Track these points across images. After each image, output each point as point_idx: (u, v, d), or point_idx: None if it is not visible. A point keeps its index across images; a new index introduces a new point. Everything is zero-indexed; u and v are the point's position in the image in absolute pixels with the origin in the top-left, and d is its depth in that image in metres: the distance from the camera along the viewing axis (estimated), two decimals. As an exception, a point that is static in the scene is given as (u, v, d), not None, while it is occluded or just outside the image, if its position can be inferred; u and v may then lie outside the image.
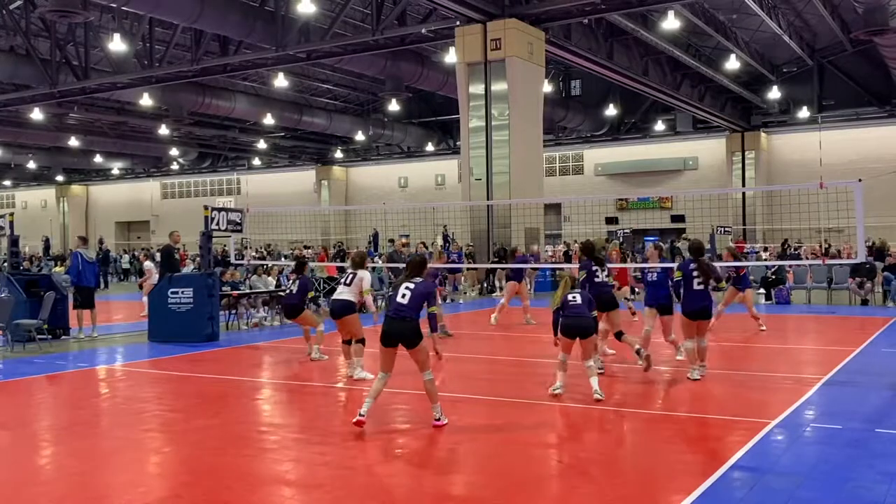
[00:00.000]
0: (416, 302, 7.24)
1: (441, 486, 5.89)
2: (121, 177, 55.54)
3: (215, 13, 22.48)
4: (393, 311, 7.27)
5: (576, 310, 8.44)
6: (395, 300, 7.33)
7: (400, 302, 7.25)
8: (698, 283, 9.18)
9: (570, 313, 8.46)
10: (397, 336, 7.21)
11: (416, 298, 7.24)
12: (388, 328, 7.24)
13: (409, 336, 7.16)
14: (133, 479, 6.02)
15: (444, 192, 43.90)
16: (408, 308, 7.20)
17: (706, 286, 9.24)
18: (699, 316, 9.26)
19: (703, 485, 5.53)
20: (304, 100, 37.91)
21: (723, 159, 38.30)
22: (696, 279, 9.17)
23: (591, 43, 26.31)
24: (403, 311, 7.19)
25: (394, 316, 7.23)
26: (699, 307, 9.23)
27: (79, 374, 11.25)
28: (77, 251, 15.22)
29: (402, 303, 7.23)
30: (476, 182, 23.28)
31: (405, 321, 7.15)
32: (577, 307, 8.45)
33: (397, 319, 7.19)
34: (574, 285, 8.77)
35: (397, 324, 7.19)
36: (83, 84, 27.74)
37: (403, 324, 7.15)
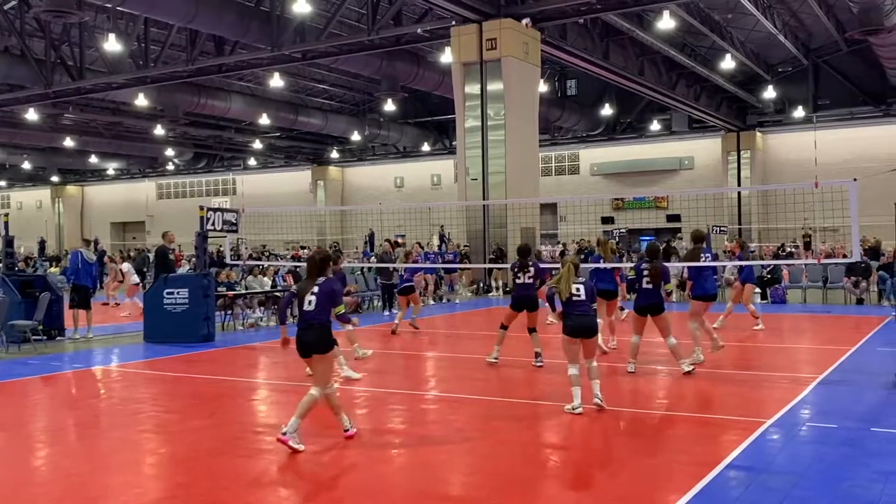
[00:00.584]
0: (323, 305, 6.71)
1: (438, 486, 5.89)
2: (116, 177, 55.44)
3: (210, 13, 22.46)
4: (301, 321, 6.74)
5: (580, 308, 7.91)
6: (303, 309, 6.74)
7: (306, 310, 6.71)
8: (647, 283, 9.76)
9: (575, 311, 7.92)
10: (308, 346, 6.70)
11: (321, 301, 6.70)
12: (299, 338, 6.74)
13: (315, 344, 6.67)
14: (129, 479, 6.01)
15: (440, 192, 43.88)
16: (314, 314, 6.68)
17: (655, 287, 9.78)
18: (647, 311, 9.77)
19: (699, 484, 5.54)
20: (299, 100, 37.88)
21: (718, 159, 38.34)
22: (646, 279, 9.74)
23: (587, 43, 26.34)
24: (309, 317, 6.69)
25: (303, 326, 6.72)
26: (646, 304, 9.78)
27: (74, 374, 11.23)
28: (78, 250, 15.10)
29: (309, 310, 6.70)
30: (472, 182, 23.29)
31: (312, 328, 6.66)
32: (582, 305, 7.91)
33: (305, 329, 6.69)
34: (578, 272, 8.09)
35: (306, 333, 6.69)
36: (78, 84, 27.68)
37: (311, 332, 6.66)
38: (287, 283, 18.31)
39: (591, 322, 7.97)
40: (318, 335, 6.66)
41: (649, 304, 9.76)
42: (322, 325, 6.69)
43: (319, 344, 6.67)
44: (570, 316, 7.93)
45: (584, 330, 7.90)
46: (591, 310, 8.02)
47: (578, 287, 7.92)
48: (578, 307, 7.91)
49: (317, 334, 6.65)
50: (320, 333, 6.67)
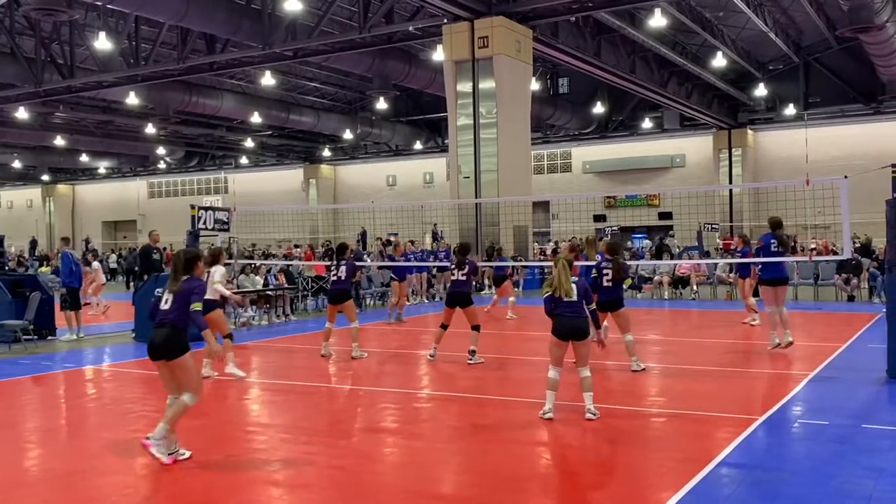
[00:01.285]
0: (179, 305, 6.28)
1: (429, 485, 5.88)
2: (107, 176, 55.24)
3: (201, 11, 22.37)
4: (154, 321, 6.37)
5: (571, 307, 7.39)
6: (158, 307, 6.38)
7: (162, 308, 6.34)
8: (607, 280, 10.00)
9: (564, 311, 7.40)
10: (155, 349, 6.26)
11: (178, 301, 6.29)
12: (150, 339, 6.33)
13: (161, 346, 6.22)
14: (120, 480, 5.98)
15: (432, 191, 43.87)
16: (168, 312, 6.28)
17: (615, 283, 10.00)
18: (607, 308, 9.95)
19: (691, 482, 5.55)
20: (291, 98, 37.80)
21: (710, 157, 38.45)
22: (606, 276, 10.01)
23: (579, 41, 26.35)
24: (162, 316, 6.29)
25: (154, 326, 6.33)
26: (605, 300, 9.94)
27: (65, 374, 11.19)
28: (67, 252, 14.99)
29: (164, 308, 6.32)
30: (464, 180, 23.28)
31: (163, 327, 6.24)
32: (573, 304, 7.40)
33: (157, 328, 6.29)
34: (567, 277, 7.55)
35: (156, 333, 6.27)
36: (68, 83, 27.55)
37: (161, 332, 6.24)
38: (279, 281, 18.28)
39: (582, 324, 7.42)
40: (168, 336, 6.20)
41: (608, 300, 9.96)
42: (174, 325, 6.23)
43: (167, 347, 6.20)
44: (559, 316, 7.41)
45: (574, 332, 7.37)
46: (584, 311, 7.52)
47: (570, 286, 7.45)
48: (569, 307, 7.40)
49: (166, 335, 6.21)
50: (170, 334, 6.21)
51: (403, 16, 24.80)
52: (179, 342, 6.23)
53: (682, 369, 10.41)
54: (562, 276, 7.44)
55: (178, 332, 6.25)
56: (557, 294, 7.43)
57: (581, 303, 7.48)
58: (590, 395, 7.49)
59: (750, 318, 14.75)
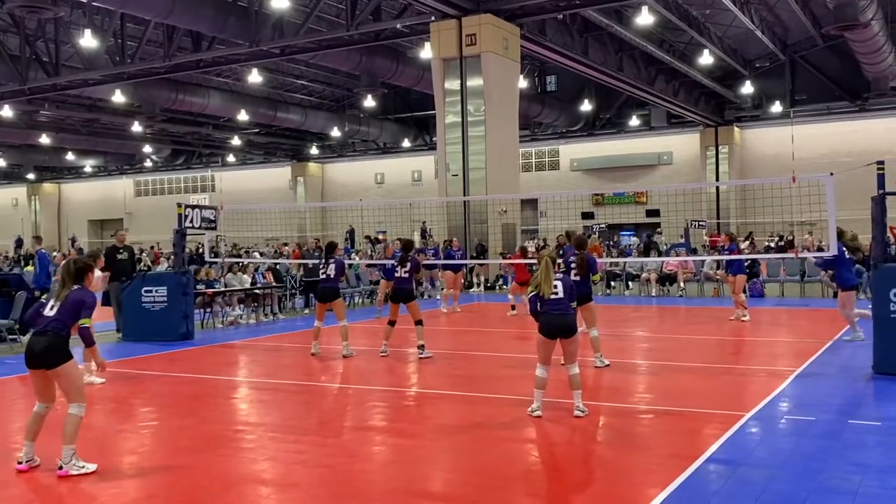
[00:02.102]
0: (66, 313, 6.03)
1: (418, 483, 5.87)
2: (93, 174, 54.89)
3: (188, 8, 22.26)
4: (36, 328, 6.10)
5: (557, 305, 7.39)
6: (40, 313, 6.11)
7: (46, 314, 6.07)
8: (574, 275, 9.93)
9: (550, 309, 7.38)
10: (34, 357, 5.97)
11: (65, 310, 6.03)
12: (29, 346, 6.03)
13: (41, 355, 5.94)
14: (107, 480, 5.94)
15: (420, 188, 43.83)
16: (52, 320, 6.01)
17: (582, 278, 9.96)
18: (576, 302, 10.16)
19: (679, 478, 5.57)
20: (278, 96, 37.67)
21: (697, 154, 38.59)
22: (573, 270, 10.01)
23: (566, 38, 26.38)
24: (44, 323, 6.03)
25: (35, 333, 6.08)
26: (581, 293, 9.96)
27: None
28: (42, 251, 14.66)
29: (48, 315, 6.05)
30: (452, 178, 23.28)
31: (45, 335, 5.98)
32: (559, 301, 7.40)
33: (37, 335, 6.04)
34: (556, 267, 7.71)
35: (37, 340, 6.01)
36: (54, 81, 27.37)
37: (42, 339, 5.98)
38: (267, 280, 18.22)
39: (569, 321, 7.44)
40: (49, 344, 5.93)
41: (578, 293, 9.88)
42: (57, 334, 5.96)
43: (48, 355, 5.91)
44: (546, 314, 7.39)
45: (561, 329, 7.36)
46: (571, 308, 7.59)
47: (556, 283, 7.42)
48: (556, 305, 7.39)
49: (48, 343, 5.93)
50: (52, 342, 5.93)
51: (391, 13, 24.76)
52: (62, 351, 5.96)
53: (669, 366, 10.44)
54: (544, 274, 7.40)
55: (61, 340, 5.99)
56: (544, 297, 7.40)
57: (566, 300, 7.48)
58: (578, 392, 7.50)
59: (739, 314, 14.81)
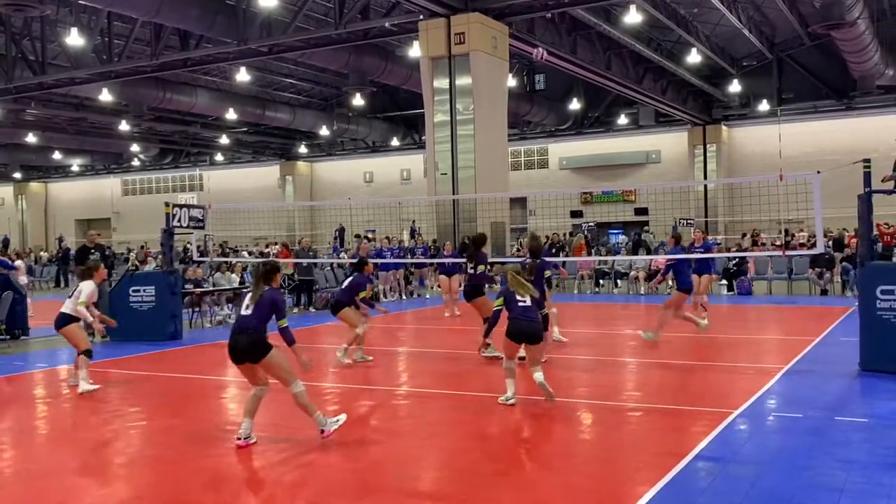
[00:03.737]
0: (261, 312, 6.54)
1: (407, 482, 5.88)
2: (81, 174, 54.56)
3: (175, 7, 22.14)
4: (237, 326, 6.62)
5: (525, 313, 7.78)
6: (240, 313, 6.65)
7: (243, 314, 6.60)
8: (470, 268, 10.76)
9: (517, 315, 7.78)
10: (241, 353, 6.52)
11: (260, 308, 6.55)
12: (232, 344, 6.54)
13: (247, 351, 6.48)
14: (95, 480, 5.92)
15: (409, 187, 43.80)
16: (250, 319, 6.52)
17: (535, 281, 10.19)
18: (468, 296, 10.72)
19: (668, 475, 5.59)
20: (266, 94, 37.55)
21: (685, 152, 38.71)
22: (470, 264, 10.82)
23: (555, 37, 26.41)
24: (244, 323, 6.54)
25: (237, 331, 6.56)
26: (467, 285, 10.83)
27: (38, 374, 11.06)
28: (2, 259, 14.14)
29: (246, 314, 6.57)
30: (442, 177, 23.26)
31: (245, 333, 6.49)
32: (527, 308, 7.80)
33: (238, 334, 6.53)
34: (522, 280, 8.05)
35: (239, 339, 6.51)
36: (40, 79, 27.19)
37: (243, 337, 6.49)
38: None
39: (534, 328, 7.78)
40: (251, 342, 6.44)
41: (467, 285, 10.80)
42: (256, 330, 6.46)
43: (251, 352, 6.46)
44: (513, 319, 7.79)
45: (526, 335, 7.75)
46: (537, 315, 7.94)
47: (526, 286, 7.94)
48: (523, 311, 7.78)
49: (250, 340, 6.44)
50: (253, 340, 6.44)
51: (379, 12, 24.72)
52: (263, 345, 6.46)
53: (657, 364, 10.48)
54: (516, 284, 7.90)
55: (261, 336, 6.47)
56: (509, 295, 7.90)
57: (534, 308, 7.90)
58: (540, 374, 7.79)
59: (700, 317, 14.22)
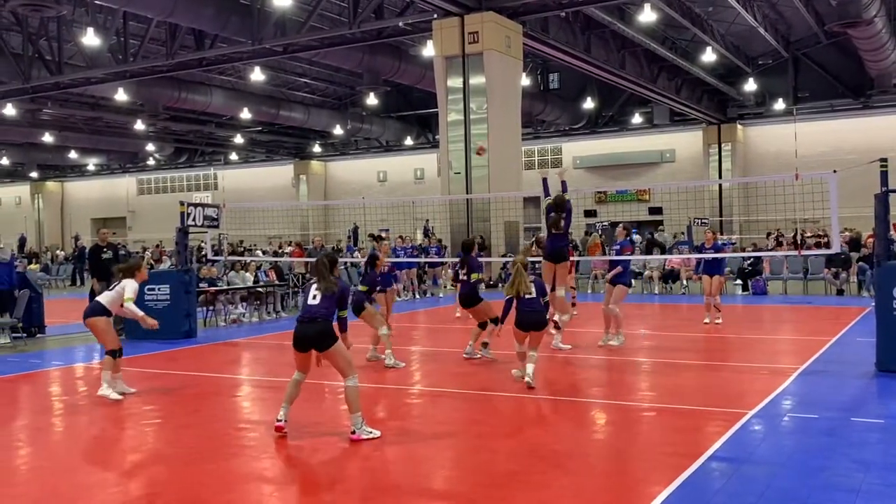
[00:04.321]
0: (329, 302, 6.79)
1: (419, 480, 5.87)
2: (96, 173, 54.91)
3: (190, 7, 22.27)
4: (306, 315, 6.88)
5: (531, 304, 8.74)
6: (307, 302, 6.93)
7: (310, 304, 6.84)
8: (463, 275, 10.94)
9: (525, 307, 8.75)
10: (310, 341, 6.81)
11: (329, 299, 6.78)
12: (301, 333, 6.84)
13: (314, 339, 6.78)
14: (110, 478, 5.96)
15: (423, 187, 43.82)
16: (319, 308, 6.79)
17: (468, 278, 10.82)
18: (465, 303, 10.89)
19: (681, 476, 5.56)
20: (281, 94, 37.66)
21: (700, 151, 38.53)
22: (462, 271, 11.01)
23: (569, 36, 26.35)
24: (315, 313, 6.78)
25: (306, 320, 6.84)
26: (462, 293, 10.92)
27: (54, 372, 11.13)
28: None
29: (314, 304, 6.81)
30: (455, 176, 23.27)
31: (316, 322, 6.76)
32: (532, 301, 8.75)
33: (308, 322, 6.81)
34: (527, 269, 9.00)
35: (308, 327, 6.80)
36: (56, 79, 27.38)
37: (313, 326, 6.77)
38: (269, 278, 18.22)
39: (540, 318, 8.83)
40: (320, 330, 6.75)
41: (463, 294, 10.85)
42: (326, 320, 6.75)
43: (319, 340, 6.77)
44: (521, 311, 8.76)
45: (533, 325, 8.74)
46: (542, 305, 8.89)
47: (531, 285, 8.74)
48: (529, 304, 8.74)
49: (319, 329, 6.75)
50: (323, 329, 6.76)
51: (393, 11, 24.74)
52: (331, 334, 6.74)
53: (671, 364, 10.43)
54: (519, 276, 8.72)
55: (329, 325, 6.76)
56: (519, 293, 8.70)
57: (539, 298, 8.80)
58: (531, 366, 8.70)
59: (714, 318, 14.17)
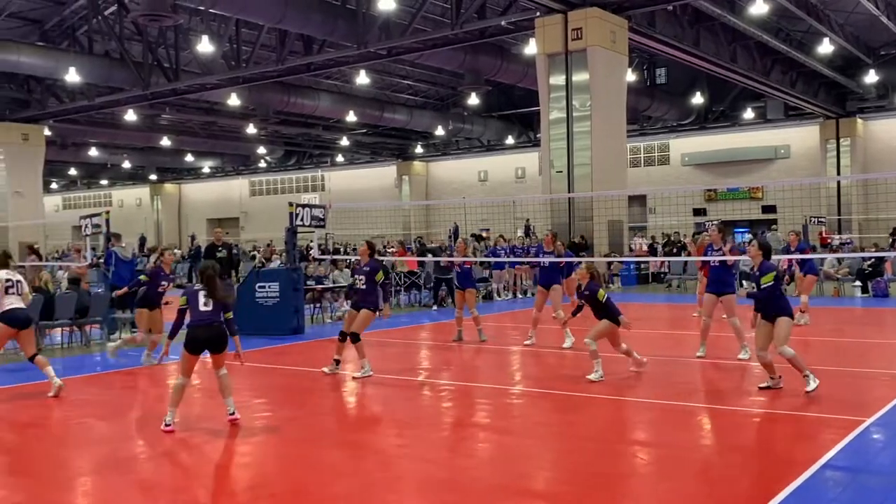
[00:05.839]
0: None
1: (518, 480, 5.84)
2: (211, 175, 57.25)
3: (299, 13, 22.91)
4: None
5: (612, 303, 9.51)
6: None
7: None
8: (361, 284, 10.12)
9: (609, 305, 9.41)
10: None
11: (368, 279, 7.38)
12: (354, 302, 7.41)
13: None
14: (219, 471, 6.18)
15: (524, 186, 43.63)
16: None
17: (368, 284, 10.11)
18: (357, 307, 10.26)
19: (793, 483, 5.33)
20: (384, 96, 38.28)
21: (816, 147, 36.86)
22: (360, 280, 10.24)
23: (677, 30, 25.68)
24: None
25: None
26: (356, 300, 10.36)
27: (171, 366, 11.64)
28: (112, 250, 14.57)
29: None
30: (557, 175, 23.04)
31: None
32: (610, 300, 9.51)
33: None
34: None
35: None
36: (174, 85, 28.63)
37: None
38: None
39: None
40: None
41: (358, 300, 10.21)
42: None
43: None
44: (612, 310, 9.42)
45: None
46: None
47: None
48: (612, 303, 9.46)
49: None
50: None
51: (496, 10, 24.72)
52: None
53: (786, 368, 10.00)
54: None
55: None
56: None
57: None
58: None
59: (804, 319, 13.63)
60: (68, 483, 5.94)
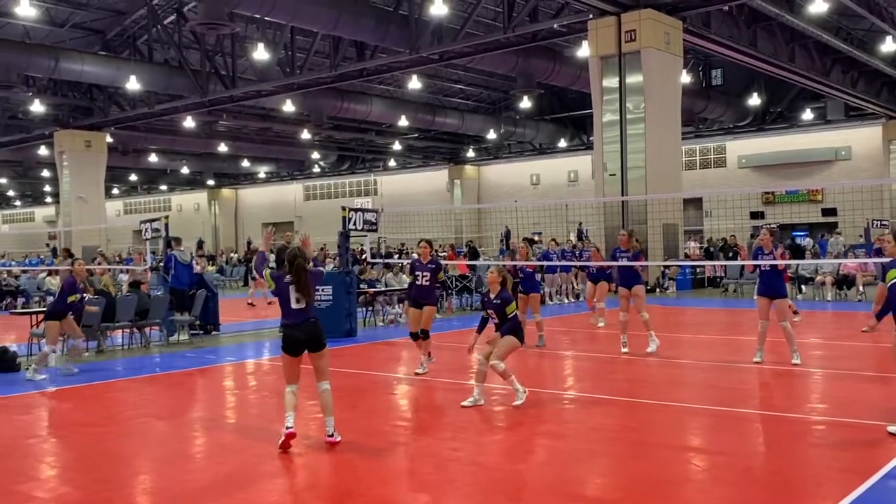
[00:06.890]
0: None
1: (572, 485, 5.81)
2: (266, 180, 58.16)
3: (351, 19, 23.16)
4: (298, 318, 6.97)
5: None
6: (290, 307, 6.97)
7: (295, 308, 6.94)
8: (424, 280, 10.15)
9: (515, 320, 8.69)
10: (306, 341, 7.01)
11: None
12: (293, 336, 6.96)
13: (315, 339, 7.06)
14: (275, 470, 6.28)
15: (576, 189, 43.34)
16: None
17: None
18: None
19: (853, 493, 5.20)
20: (436, 101, 38.42)
21: (879, 148, 35.84)
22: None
23: (732, 30, 25.25)
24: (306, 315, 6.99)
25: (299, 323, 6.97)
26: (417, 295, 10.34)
27: (228, 367, 11.87)
28: (171, 253, 14.92)
29: (297, 308, 6.92)
30: (610, 178, 22.85)
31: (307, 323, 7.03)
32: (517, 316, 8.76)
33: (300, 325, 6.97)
34: None
35: (300, 329, 6.97)
36: (231, 92, 29.19)
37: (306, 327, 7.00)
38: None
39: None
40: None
41: (420, 297, 10.19)
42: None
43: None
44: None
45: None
46: None
47: None
48: None
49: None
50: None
51: (548, 13, 24.65)
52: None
53: (846, 374, 9.77)
54: None
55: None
56: None
57: None
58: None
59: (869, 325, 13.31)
60: (128, 480, 6.10)
